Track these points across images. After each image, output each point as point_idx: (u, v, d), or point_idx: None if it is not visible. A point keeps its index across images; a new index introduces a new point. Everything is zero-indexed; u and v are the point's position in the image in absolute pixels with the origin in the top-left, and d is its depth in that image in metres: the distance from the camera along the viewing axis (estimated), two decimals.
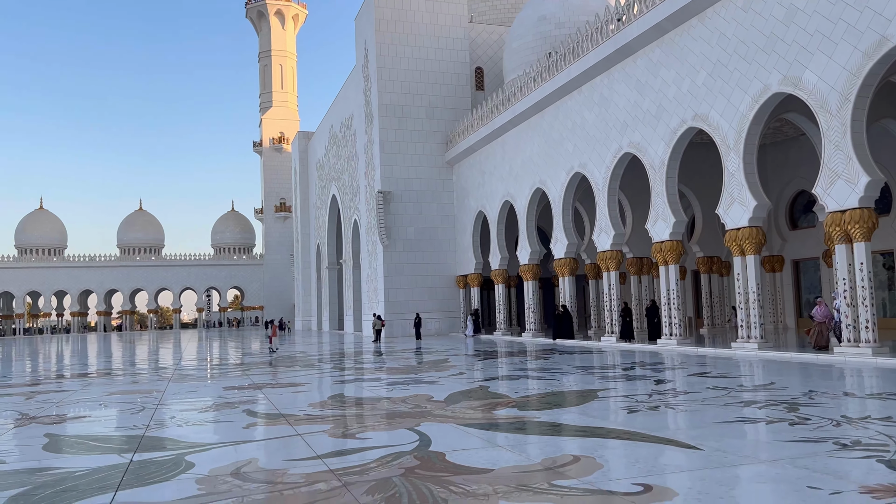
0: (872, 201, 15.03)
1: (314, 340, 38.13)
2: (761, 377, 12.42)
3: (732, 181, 18.31)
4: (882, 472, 5.21)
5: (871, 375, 12.19)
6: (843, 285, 15.56)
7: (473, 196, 36.28)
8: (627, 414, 8.53)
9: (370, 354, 23.30)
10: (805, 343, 18.87)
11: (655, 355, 18.49)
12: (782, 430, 7.03)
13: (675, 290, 21.12)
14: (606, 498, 4.82)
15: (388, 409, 9.46)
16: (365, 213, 42.26)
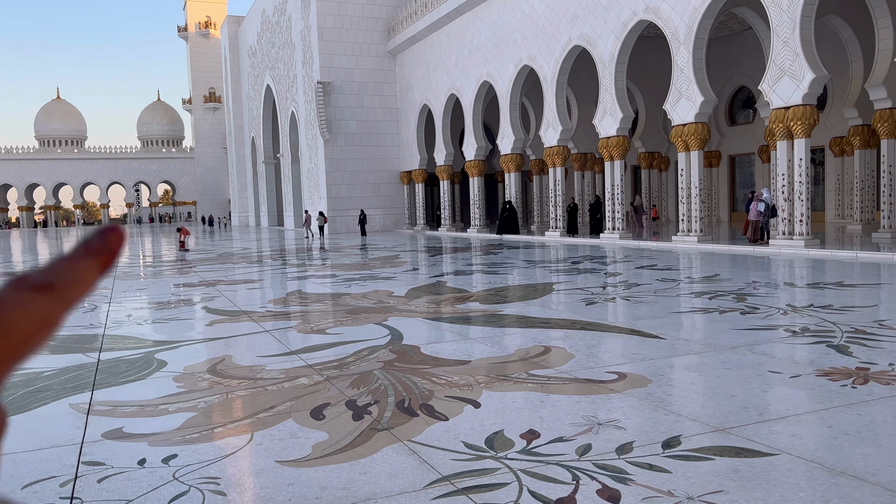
0: (815, 98, 15.40)
1: (255, 237, 37.60)
2: (705, 269, 12.98)
3: (681, 76, 18.37)
4: (834, 356, 5.60)
5: (805, 266, 12.91)
6: (781, 180, 16.15)
7: (418, 89, 35.36)
8: (586, 306, 8.83)
9: (317, 251, 23.18)
10: (738, 236, 19.72)
11: (600, 249, 19.03)
12: (735, 320, 7.43)
13: (620, 185, 21.51)
14: (585, 385, 5.03)
15: (352, 305, 9.51)
16: (303, 105, 40.81)
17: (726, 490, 3.10)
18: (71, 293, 0.26)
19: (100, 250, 0.28)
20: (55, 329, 0.26)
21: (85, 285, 0.27)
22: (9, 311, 0.24)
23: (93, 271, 0.27)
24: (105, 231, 0.28)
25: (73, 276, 0.26)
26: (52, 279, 0.26)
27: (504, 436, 3.93)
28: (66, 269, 0.26)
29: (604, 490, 3.15)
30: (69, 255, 0.27)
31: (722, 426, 3.97)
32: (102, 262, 0.28)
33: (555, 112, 23.87)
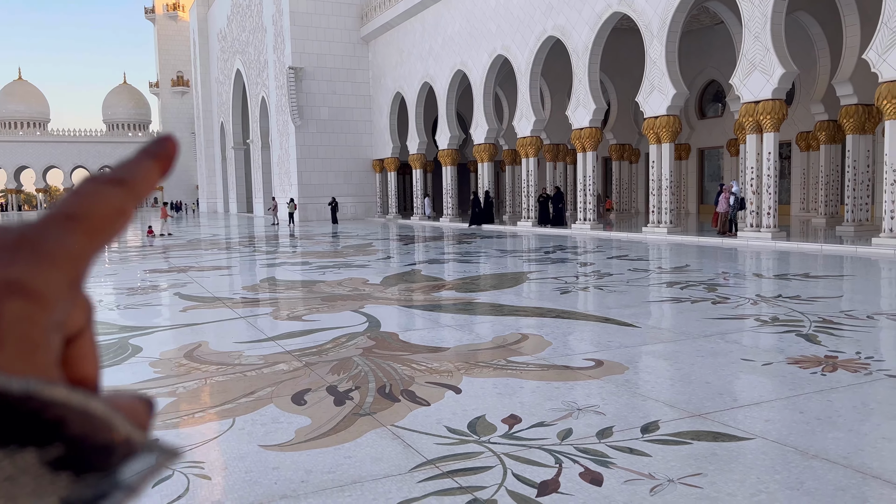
0: (784, 93, 15.70)
1: (224, 223, 37.15)
2: (675, 260, 13.19)
3: (654, 69, 18.56)
4: (803, 344, 5.76)
5: (772, 258, 13.19)
6: (750, 173, 16.45)
7: (391, 76, 35.16)
8: (561, 294, 8.92)
9: (288, 238, 23.01)
10: (707, 228, 20.06)
11: (572, 239, 19.21)
12: (707, 309, 7.58)
13: (592, 176, 21.70)
14: (562, 372, 5.10)
15: (327, 293, 9.48)
16: (274, 91, 40.31)
17: (705, 473, 3.18)
18: (139, 188, 0.29)
19: (158, 154, 0.30)
20: (129, 220, 0.28)
21: (150, 182, 0.30)
22: (89, 198, 0.27)
23: (155, 171, 0.30)
24: (162, 138, 0.31)
25: (139, 174, 0.29)
26: (123, 175, 0.29)
27: (486, 420, 3.98)
28: (133, 168, 0.29)
29: (586, 473, 3.21)
30: (133, 158, 0.30)
31: (698, 411, 4.07)
32: (162, 163, 0.30)
33: (528, 102, 23.94)
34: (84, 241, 0.27)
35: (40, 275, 0.25)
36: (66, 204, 0.27)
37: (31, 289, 0.25)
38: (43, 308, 0.25)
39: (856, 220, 17.52)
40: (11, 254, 0.25)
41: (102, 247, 0.27)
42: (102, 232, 0.27)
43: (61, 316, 0.26)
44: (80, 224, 0.27)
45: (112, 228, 0.28)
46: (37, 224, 0.27)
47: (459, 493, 3.03)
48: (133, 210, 0.28)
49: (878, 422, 3.92)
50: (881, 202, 14.36)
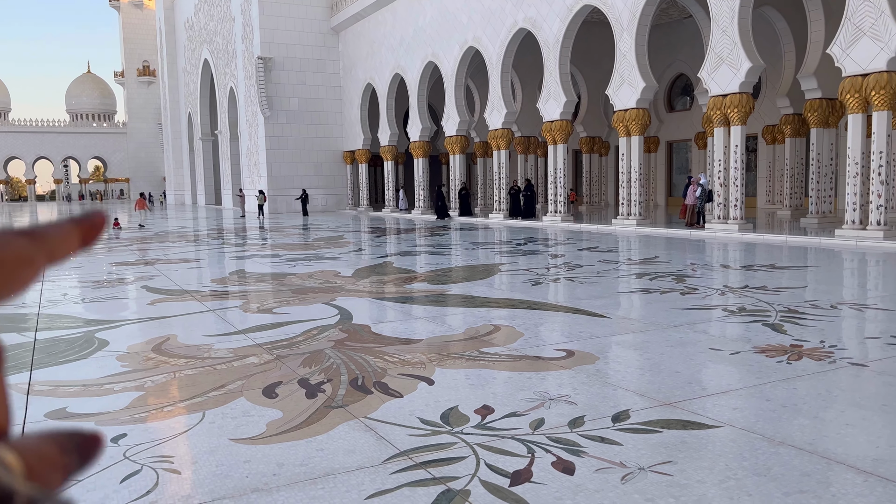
0: (751, 87, 15.93)
1: (192, 215, 36.60)
2: (644, 251, 13.34)
3: (624, 62, 18.69)
4: (769, 333, 5.86)
5: (739, 249, 13.41)
6: (718, 166, 16.69)
7: (361, 67, 34.90)
8: (532, 286, 8.97)
9: (257, 230, 22.77)
10: (675, 220, 20.31)
11: (543, 231, 19.31)
12: (676, 300, 7.67)
13: (562, 168, 21.82)
14: (534, 362, 5.13)
15: (298, 285, 9.40)
16: (243, 81, 39.75)
17: (675, 461, 3.23)
18: (53, 246, 0.28)
19: (82, 222, 0.30)
20: (35, 272, 0.27)
21: (67, 245, 0.29)
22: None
23: (74, 236, 0.29)
24: (92, 212, 0.30)
25: (56, 233, 0.28)
26: (37, 230, 0.28)
27: (459, 411, 3.98)
28: (52, 228, 0.29)
29: (559, 462, 3.24)
30: (57, 221, 0.29)
31: (668, 400, 4.12)
32: (84, 232, 0.29)
33: (500, 95, 23.96)
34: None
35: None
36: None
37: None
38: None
39: (819, 213, 17.88)
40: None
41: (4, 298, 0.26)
42: (3, 281, 0.26)
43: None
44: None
45: (13, 276, 0.26)
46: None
47: (433, 484, 3.03)
48: (41, 264, 0.27)
49: (841, 408, 4.01)
50: (844, 195, 14.68)
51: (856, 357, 5.09)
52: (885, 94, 13.19)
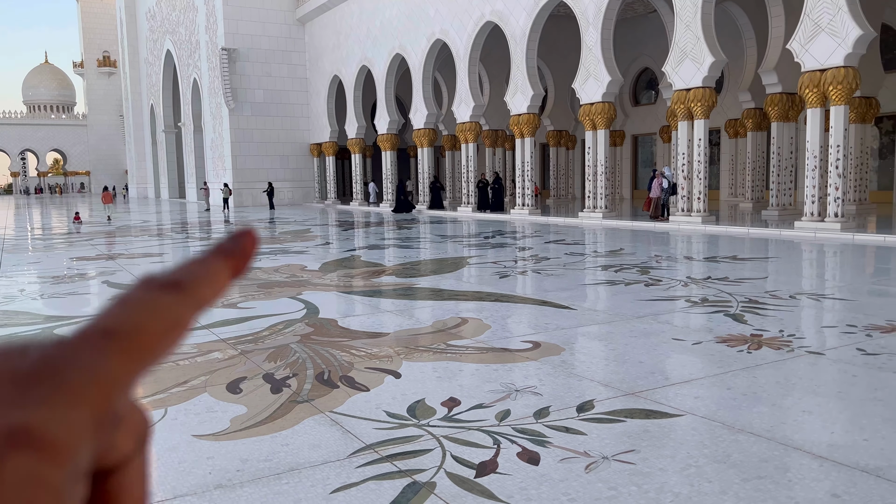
0: (714, 81, 16.17)
1: (155, 209, 35.97)
2: (610, 244, 13.49)
3: (590, 56, 18.82)
4: (731, 324, 5.97)
5: (702, 241, 13.63)
6: (681, 159, 16.93)
7: (328, 59, 34.58)
8: (500, 279, 9.00)
9: (222, 224, 22.48)
10: (640, 213, 20.57)
11: (511, 224, 19.40)
12: (640, 291, 7.77)
13: (530, 161, 21.92)
14: (501, 354, 5.15)
15: (263, 279, 9.30)
16: (207, 72, 39.11)
17: (638, 449, 3.27)
18: (201, 293, 0.24)
19: (232, 252, 0.26)
20: (186, 330, 0.23)
21: (216, 287, 0.25)
22: (135, 310, 0.22)
23: (224, 273, 0.25)
24: (238, 234, 0.26)
25: (203, 277, 0.25)
26: (181, 279, 0.24)
27: (426, 404, 3.98)
28: (196, 270, 0.25)
29: (524, 452, 3.26)
30: (201, 256, 0.25)
31: (631, 390, 4.18)
32: (234, 264, 0.26)
33: (467, 88, 23.96)
34: (123, 364, 0.21)
35: (55, 417, 0.19)
36: (107, 317, 0.22)
37: (40, 437, 0.19)
38: (55, 461, 0.19)
39: (780, 205, 18.26)
40: (23, 388, 0.20)
41: (149, 367, 0.22)
42: (148, 351, 0.22)
43: (85, 462, 0.20)
44: (120, 343, 0.21)
45: (162, 346, 0.22)
46: (65, 344, 0.21)
47: (398, 477, 3.03)
48: (192, 320, 0.24)
49: (799, 396, 4.10)
50: (803, 187, 15.00)
51: (813, 346, 5.22)
52: (843, 89, 13.50)
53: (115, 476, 0.23)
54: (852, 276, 9.38)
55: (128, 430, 0.23)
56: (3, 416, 0.19)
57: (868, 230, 14.07)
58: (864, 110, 18.87)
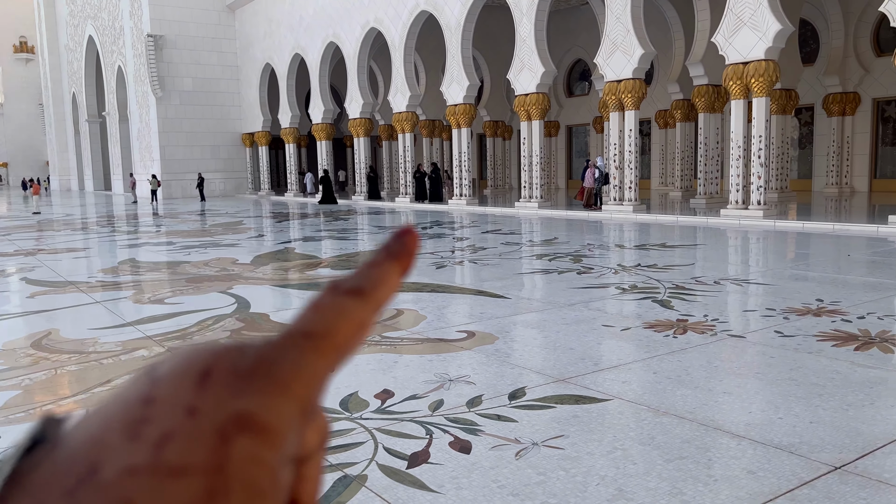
0: (643, 73, 16.57)
1: (80, 202, 34.54)
2: (545, 233, 13.69)
3: (524, 47, 18.99)
4: (658, 310, 6.16)
5: (633, 229, 13.99)
6: (613, 149, 17.30)
7: (260, 47, 33.80)
8: (437, 269, 9.03)
9: (150, 217, 21.77)
10: (575, 202, 20.94)
11: (449, 215, 19.46)
12: (573, 279, 7.92)
13: (466, 152, 22.01)
14: (436, 344, 5.17)
15: (192, 274, 9.06)
16: (132, 59, 37.69)
17: (567, 434, 3.34)
18: (379, 296, 0.27)
19: (399, 253, 0.28)
20: (368, 331, 0.26)
21: (390, 288, 0.27)
22: (328, 314, 0.25)
23: (396, 274, 0.28)
24: (401, 233, 0.29)
25: (379, 280, 0.27)
26: (362, 284, 0.27)
27: (358, 397, 3.96)
28: (374, 274, 0.27)
29: (456, 442, 3.28)
30: (373, 261, 0.28)
31: (562, 376, 4.26)
32: (402, 264, 0.28)
33: (403, 77, 23.83)
34: (320, 362, 0.25)
35: (272, 406, 0.23)
36: (304, 321, 0.25)
37: (261, 423, 0.22)
38: (272, 445, 0.22)
39: (707, 193, 18.89)
40: (245, 381, 0.23)
41: (341, 364, 0.26)
42: (341, 350, 0.25)
43: (292, 449, 0.24)
44: (319, 343, 0.25)
45: (351, 345, 0.26)
46: (274, 344, 0.25)
47: (329, 471, 3.00)
48: (373, 321, 0.27)
49: (721, 378, 4.27)
50: (729, 176, 15.55)
51: (735, 329, 5.43)
52: (764, 82, 14.04)
53: (301, 468, 0.26)
54: (773, 262, 9.80)
55: (315, 429, 0.26)
56: (231, 405, 0.22)
57: (788, 217, 14.72)
58: (785, 102, 19.67)
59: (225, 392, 0.23)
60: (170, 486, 0.20)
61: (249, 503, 0.21)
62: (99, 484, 0.21)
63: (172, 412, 0.22)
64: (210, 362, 0.24)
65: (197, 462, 0.21)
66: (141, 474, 0.21)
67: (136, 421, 0.22)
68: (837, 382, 4.03)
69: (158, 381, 0.23)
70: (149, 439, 0.21)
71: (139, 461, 0.21)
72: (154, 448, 0.21)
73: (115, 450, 0.21)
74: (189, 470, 0.21)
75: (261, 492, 0.22)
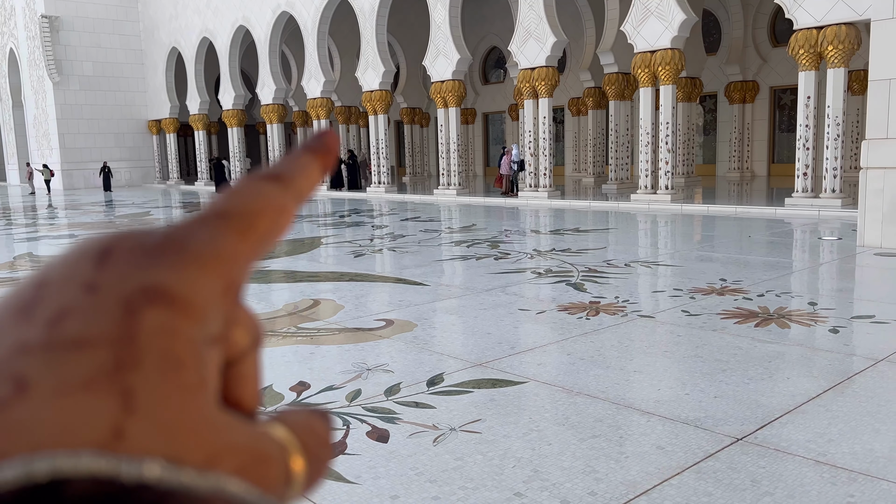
0: (556, 60, 16.86)
1: None
2: (463, 220, 13.77)
3: (439, 34, 18.96)
4: (572, 293, 6.30)
5: (548, 215, 14.26)
6: (528, 137, 17.56)
7: (165, 30, 32.36)
8: (355, 258, 8.93)
9: (47, 209, 20.58)
10: (492, 189, 21.18)
11: (367, 202, 19.29)
12: (490, 265, 8.00)
13: (384, 139, 21.85)
14: (354, 334, 5.11)
15: None
16: (25, 42, 35.36)
17: (484, 418, 3.36)
18: (299, 185, 0.26)
19: (317, 149, 0.27)
20: (290, 219, 0.25)
21: (311, 180, 0.26)
22: (243, 196, 0.24)
23: (315, 167, 0.27)
24: (321, 133, 0.28)
25: (300, 169, 0.26)
26: (282, 171, 0.26)
27: (273, 390, 3.87)
28: (294, 164, 0.26)
29: (373, 431, 3.25)
30: (291, 154, 0.27)
31: (479, 361, 4.29)
32: (322, 159, 0.27)
33: (317, 63, 23.36)
34: (238, 240, 0.23)
35: (186, 278, 0.21)
36: (218, 202, 0.24)
37: (174, 295, 0.20)
38: (189, 317, 0.20)
39: (618, 179, 19.47)
40: (153, 257, 0.21)
41: (261, 249, 0.24)
42: (259, 231, 0.24)
43: (215, 328, 0.22)
44: (236, 223, 0.23)
45: (271, 227, 0.24)
46: (183, 224, 0.23)
47: None
48: (294, 209, 0.25)
49: (632, 357, 4.41)
50: (639, 162, 16.08)
51: (645, 310, 5.62)
52: (670, 70, 14.55)
53: (234, 367, 0.24)
54: (680, 244, 10.20)
55: (244, 327, 0.24)
56: (137, 277, 0.20)
57: (694, 201, 15.37)
58: (690, 90, 20.46)
59: (129, 267, 0.21)
60: (68, 359, 0.19)
61: (166, 374, 0.19)
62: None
63: (68, 290, 0.20)
64: (110, 242, 0.22)
65: (99, 333, 0.19)
66: (34, 351, 0.19)
67: (27, 303, 0.20)
68: (739, 358, 4.23)
69: (52, 266, 0.21)
70: (42, 317, 0.20)
71: (31, 338, 0.19)
72: (48, 325, 0.19)
73: (4, 333, 0.20)
74: (90, 342, 0.19)
75: (179, 362, 0.20)
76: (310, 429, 0.24)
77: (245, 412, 0.24)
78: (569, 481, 2.72)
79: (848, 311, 5.44)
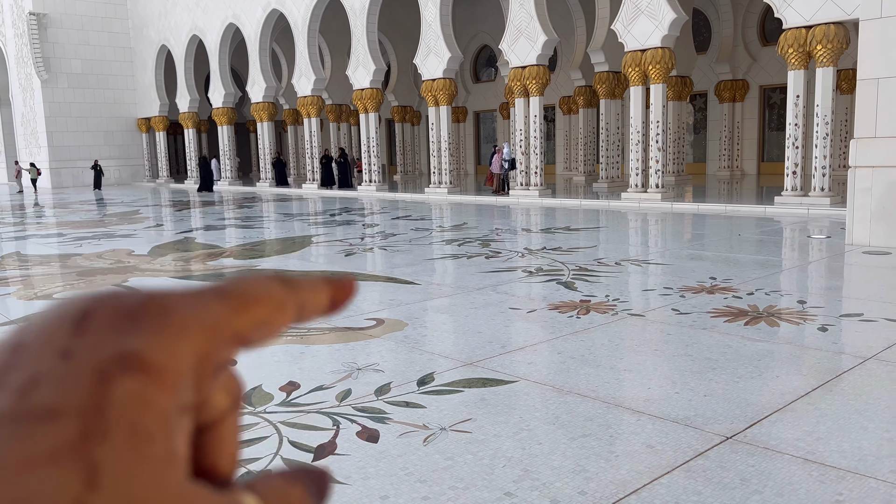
0: (547, 59, 16.87)
1: None
2: (455, 218, 13.77)
3: (430, 32, 18.94)
4: (563, 291, 6.30)
5: (539, 213, 14.27)
6: (519, 135, 17.57)
7: (154, 28, 32.18)
8: (346, 257, 8.90)
9: (36, 207, 20.43)
10: (483, 188, 21.17)
11: (359, 201, 19.24)
12: (481, 263, 8.00)
13: (375, 137, 21.80)
14: (344, 333, 5.09)
15: (84, 266, 8.55)
16: (13, 39, 35.09)
17: (475, 418, 3.36)
18: (305, 297, 0.25)
19: (335, 282, 0.27)
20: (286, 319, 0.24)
21: (317, 302, 0.26)
22: (250, 284, 0.24)
23: (325, 296, 0.26)
24: (342, 278, 0.28)
25: (307, 288, 0.26)
26: (290, 278, 0.25)
27: (263, 390, 3.85)
28: (304, 279, 0.26)
29: (363, 431, 3.24)
30: (310, 277, 0.27)
31: (470, 360, 4.28)
32: (335, 294, 0.26)
33: (307, 61, 23.29)
34: (228, 316, 0.22)
35: (163, 345, 0.20)
36: (220, 284, 0.23)
37: (149, 362, 0.20)
38: (162, 386, 0.20)
39: (609, 178, 19.51)
40: (132, 321, 0.21)
41: (252, 335, 0.23)
42: (253, 316, 0.23)
43: (188, 397, 0.21)
44: (228, 300, 0.23)
45: (265, 318, 0.23)
46: (173, 292, 0.23)
47: None
48: (292, 314, 0.25)
49: (622, 356, 4.41)
50: (629, 161, 16.11)
51: (635, 308, 5.63)
52: (661, 69, 14.58)
53: (212, 431, 0.23)
54: (670, 243, 10.23)
55: (225, 389, 0.24)
56: (114, 343, 0.20)
57: (685, 199, 15.42)
58: (680, 88, 20.53)
59: (106, 332, 0.20)
60: (36, 429, 0.18)
61: (134, 446, 0.19)
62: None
63: (42, 356, 0.20)
64: (90, 305, 0.21)
65: (68, 404, 0.19)
66: (2, 420, 0.18)
67: (0, 369, 0.20)
68: (729, 356, 4.24)
69: (30, 328, 0.21)
70: (13, 384, 0.19)
71: (1, 407, 0.19)
72: (18, 393, 0.19)
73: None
74: (59, 412, 0.18)
75: (148, 434, 0.19)
76: (283, 499, 0.24)
77: (220, 477, 0.24)
78: (559, 480, 2.72)
79: (837, 310, 5.47)
